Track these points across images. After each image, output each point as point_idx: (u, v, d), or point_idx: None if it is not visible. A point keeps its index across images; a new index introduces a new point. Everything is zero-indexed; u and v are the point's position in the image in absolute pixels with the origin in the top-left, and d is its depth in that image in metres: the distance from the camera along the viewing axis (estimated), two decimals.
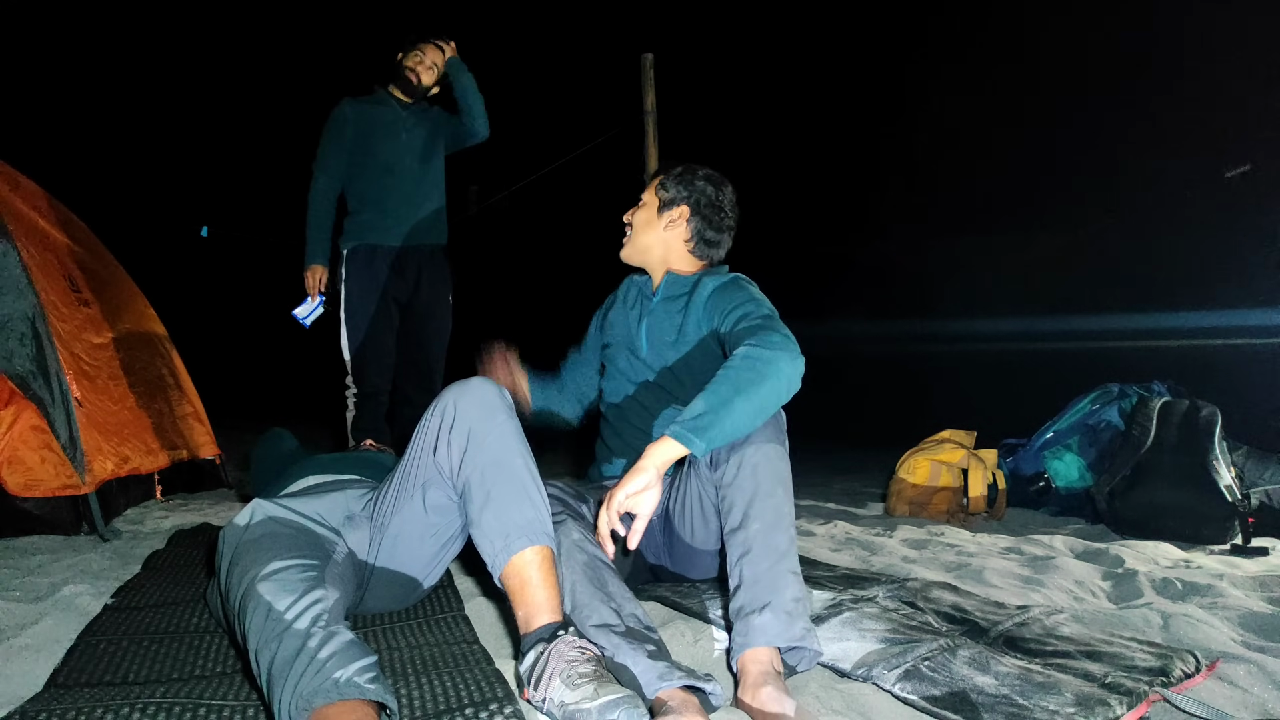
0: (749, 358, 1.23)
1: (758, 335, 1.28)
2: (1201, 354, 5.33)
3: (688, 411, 1.19)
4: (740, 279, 1.54)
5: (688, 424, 1.18)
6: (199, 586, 1.58)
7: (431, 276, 2.82)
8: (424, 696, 1.03)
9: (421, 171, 2.80)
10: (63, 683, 1.06)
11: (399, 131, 2.77)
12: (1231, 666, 1.18)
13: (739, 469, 1.18)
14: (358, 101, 2.81)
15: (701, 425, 1.17)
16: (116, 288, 2.87)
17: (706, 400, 1.19)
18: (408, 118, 2.80)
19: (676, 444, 1.17)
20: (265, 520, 1.13)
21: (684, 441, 1.16)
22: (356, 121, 2.76)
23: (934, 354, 8.95)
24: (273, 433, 1.83)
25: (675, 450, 1.17)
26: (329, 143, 2.76)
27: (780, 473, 1.19)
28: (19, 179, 2.51)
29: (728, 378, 1.21)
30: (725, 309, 1.44)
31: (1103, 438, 3.04)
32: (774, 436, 1.22)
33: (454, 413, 1.16)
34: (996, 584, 1.73)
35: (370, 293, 2.73)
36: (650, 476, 1.16)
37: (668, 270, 1.62)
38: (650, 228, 1.62)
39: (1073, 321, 7.48)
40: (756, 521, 1.14)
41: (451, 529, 1.28)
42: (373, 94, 2.84)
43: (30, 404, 2.00)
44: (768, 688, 1.00)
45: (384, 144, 2.76)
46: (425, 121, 2.84)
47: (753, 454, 1.18)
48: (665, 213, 1.61)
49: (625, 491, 1.15)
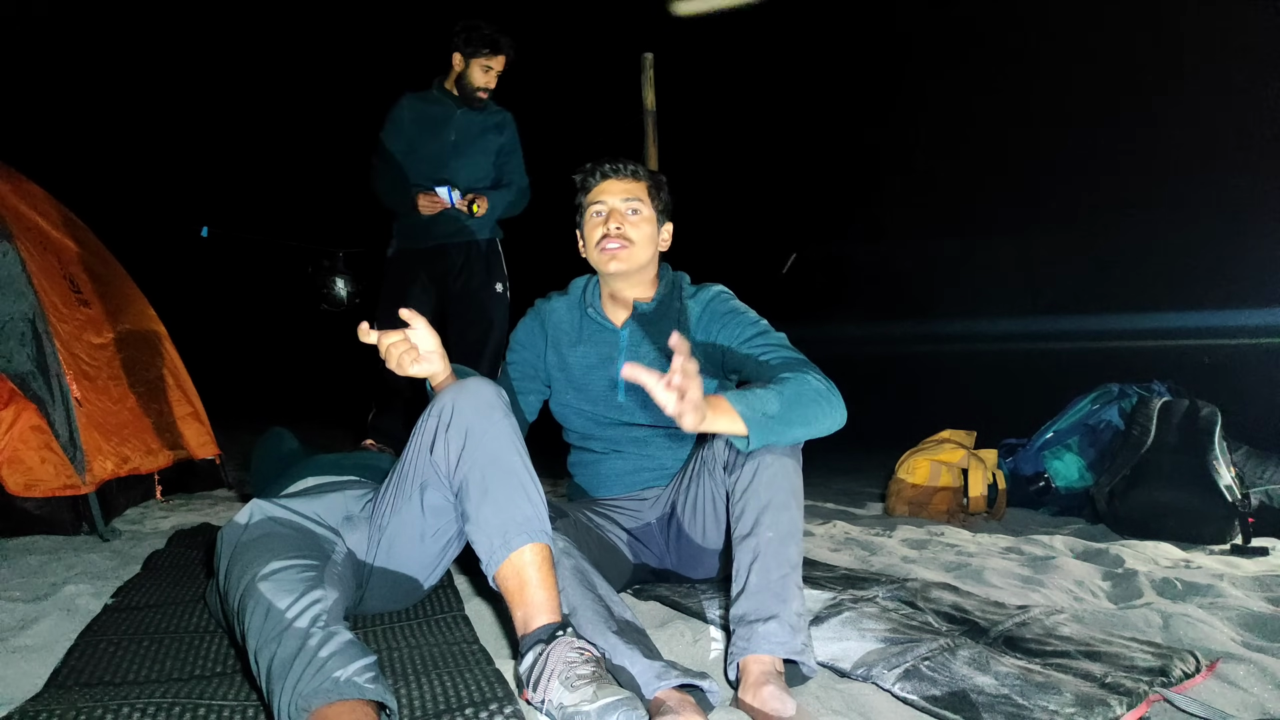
0: (822, 393, 1.20)
1: (816, 373, 1.24)
2: (1201, 354, 5.33)
3: (760, 402, 1.14)
4: (724, 293, 1.47)
5: (758, 416, 1.13)
6: (199, 586, 1.58)
7: (471, 269, 2.83)
8: (424, 696, 1.03)
9: (464, 169, 2.80)
10: (63, 683, 1.06)
11: (447, 130, 2.78)
12: (1231, 666, 1.18)
13: (755, 477, 1.17)
14: (414, 97, 2.83)
15: (770, 425, 1.14)
16: (117, 288, 2.86)
17: (781, 404, 1.16)
18: (460, 116, 2.80)
19: (738, 423, 1.11)
20: (264, 520, 1.13)
21: (751, 426, 1.12)
22: (412, 118, 2.80)
23: (934, 354, 8.95)
24: (273, 433, 1.82)
25: (735, 428, 1.12)
26: (386, 139, 2.81)
27: (795, 486, 1.19)
28: (20, 179, 2.51)
29: (802, 398, 1.18)
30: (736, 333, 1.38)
31: (1103, 438, 3.04)
32: (792, 451, 1.21)
33: (451, 412, 1.16)
34: (996, 584, 1.73)
35: (398, 297, 2.78)
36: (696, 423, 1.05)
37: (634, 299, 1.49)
38: (653, 244, 1.47)
39: (1073, 321, 7.48)
40: (770, 530, 1.13)
41: (450, 530, 1.28)
42: (429, 89, 2.84)
43: (30, 404, 2.00)
44: (769, 687, 1.00)
45: (431, 143, 2.78)
46: (477, 122, 2.83)
47: (770, 463, 1.17)
48: (661, 228, 1.51)
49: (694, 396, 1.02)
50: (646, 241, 1.46)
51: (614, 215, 1.44)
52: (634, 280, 1.48)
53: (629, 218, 1.45)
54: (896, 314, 9.62)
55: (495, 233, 2.89)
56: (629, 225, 1.44)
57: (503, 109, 2.91)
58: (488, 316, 2.83)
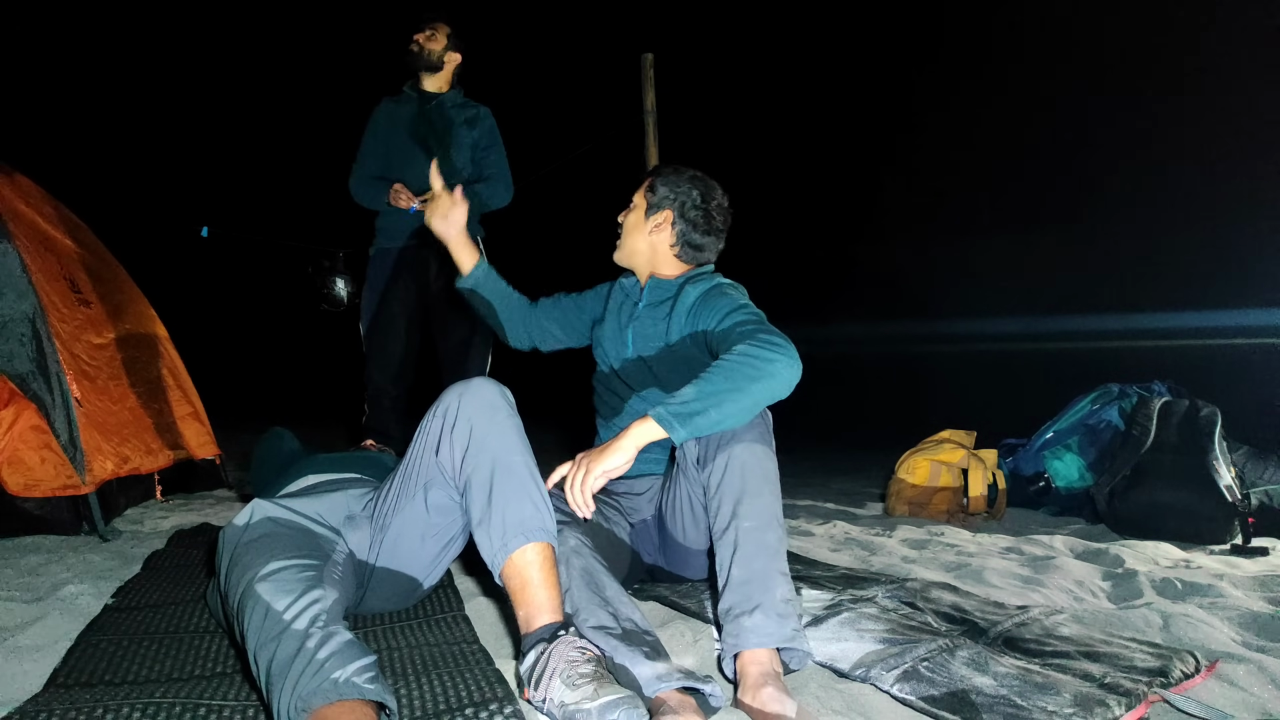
0: (747, 354, 1.23)
1: (757, 336, 1.27)
2: (1201, 354, 5.33)
3: (675, 397, 1.20)
4: (724, 284, 1.51)
5: (673, 409, 1.18)
6: (199, 586, 1.58)
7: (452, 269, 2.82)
8: (424, 696, 1.03)
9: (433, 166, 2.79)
10: (63, 683, 1.06)
11: (415, 127, 2.78)
12: (1231, 666, 1.18)
13: (726, 469, 1.17)
14: (389, 101, 2.85)
15: (687, 412, 1.17)
16: (117, 288, 2.86)
17: (697, 389, 1.19)
18: (430, 111, 2.80)
19: (657, 426, 1.18)
20: (264, 520, 1.13)
21: (665, 425, 1.18)
22: (386, 120, 2.81)
23: (934, 354, 8.95)
24: (273, 432, 1.82)
25: (654, 432, 1.19)
26: (364, 142, 2.83)
27: (768, 472, 1.19)
28: (20, 179, 2.51)
29: (722, 371, 1.21)
30: (713, 314, 1.43)
31: (1103, 438, 3.04)
32: (761, 437, 1.21)
33: (456, 412, 1.17)
34: (996, 584, 1.72)
35: (374, 295, 2.79)
36: (628, 456, 1.20)
37: (652, 275, 1.60)
38: (638, 231, 1.60)
39: (1073, 321, 7.48)
40: (746, 520, 1.13)
41: (453, 529, 1.29)
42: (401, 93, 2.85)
43: (30, 404, 2.00)
44: (769, 688, 1.00)
45: (401, 141, 2.78)
46: (445, 116, 2.82)
47: (740, 453, 1.18)
48: (651, 216, 1.59)
49: (602, 468, 1.19)
50: (630, 229, 1.62)
51: None
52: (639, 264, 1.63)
53: (625, 210, 1.65)
54: (896, 314, 9.63)
55: (476, 230, 2.87)
56: (623, 216, 1.65)
57: (478, 104, 2.90)
58: (470, 316, 2.82)
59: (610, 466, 1.20)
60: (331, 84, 9.60)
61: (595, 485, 1.21)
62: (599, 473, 1.20)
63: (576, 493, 1.21)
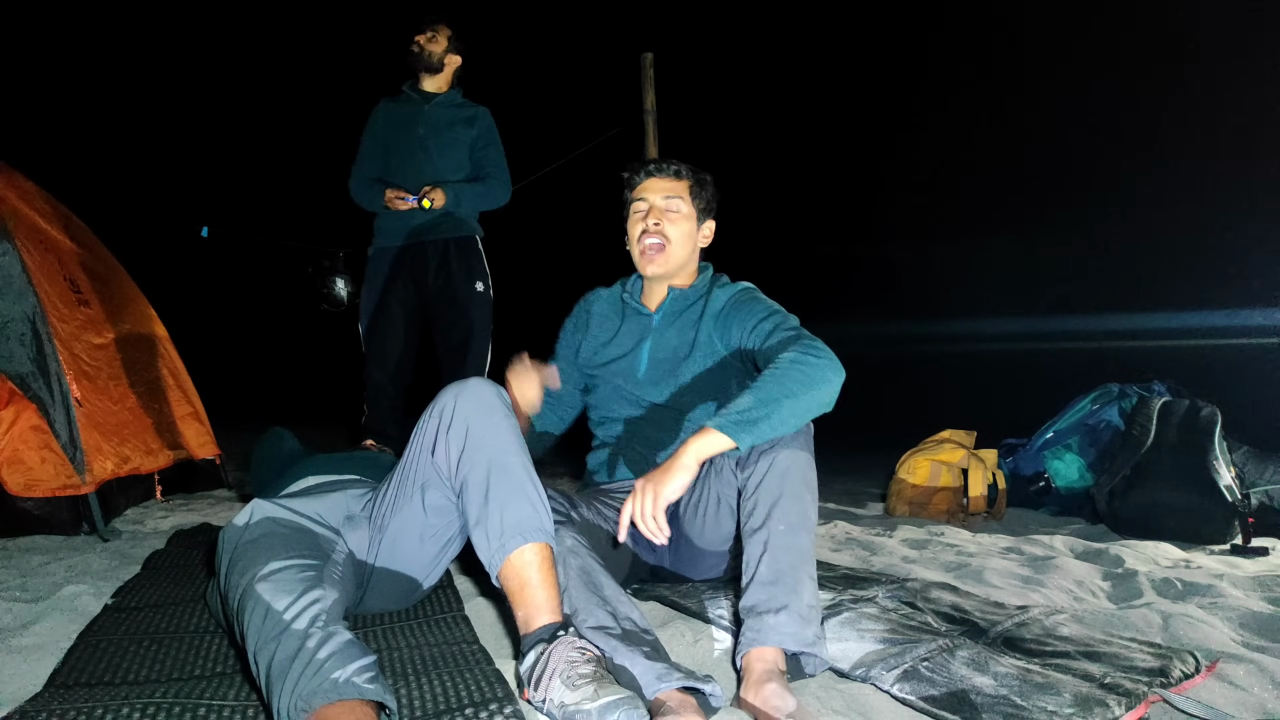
0: (798, 363, 1.23)
1: (803, 344, 1.27)
2: (1201, 354, 5.33)
3: (733, 406, 1.18)
4: (752, 289, 1.52)
5: (733, 417, 1.16)
6: (199, 586, 1.58)
7: (449, 269, 2.82)
8: (424, 696, 1.03)
9: (433, 166, 2.80)
10: (63, 683, 1.06)
11: (414, 127, 2.79)
12: (1231, 666, 1.18)
13: (768, 472, 1.17)
14: (388, 101, 2.85)
15: (749, 420, 1.16)
16: (117, 288, 2.86)
17: (754, 396, 1.19)
18: (429, 111, 2.80)
19: (721, 437, 1.15)
20: (264, 520, 1.13)
21: (730, 434, 1.15)
22: (385, 120, 2.82)
23: (934, 354, 8.96)
24: (273, 433, 1.82)
25: (719, 443, 1.16)
26: (363, 143, 2.83)
27: (809, 479, 1.19)
28: (19, 179, 2.51)
29: (776, 378, 1.21)
30: (749, 321, 1.42)
31: (1103, 438, 3.04)
32: (805, 445, 1.22)
33: (452, 412, 1.16)
34: (996, 584, 1.72)
35: (373, 294, 2.79)
36: (692, 472, 1.16)
37: (670, 285, 1.56)
38: (691, 240, 1.54)
39: (1073, 321, 7.49)
40: (781, 522, 1.13)
41: (451, 530, 1.28)
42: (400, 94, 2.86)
43: (30, 404, 2.00)
44: (770, 685, 1.00)
45: (400, 140, 2.79)
46: (445, 117, 2.83)
47: (784, 459, 1.18)
48: (701, 225, 1.56)
49: (669, 490, 1.14)
50: (683, 239, 1.52)
51: (653, 212, 1.52)
52: (680, 276, 1.56)
53: (668, 215, 1.52)
54: (897, 313, 9.63)
55: (475, 230, 2.87)
56: (667, 222, 1.52)
57: (476, 104, 2.90)
58: (467, 318, 2.81)
59: (677, 485, 1.15)
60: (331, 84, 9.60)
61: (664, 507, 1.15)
62: (667, 496, 1.14)
63: (649, 521, 1.14)
